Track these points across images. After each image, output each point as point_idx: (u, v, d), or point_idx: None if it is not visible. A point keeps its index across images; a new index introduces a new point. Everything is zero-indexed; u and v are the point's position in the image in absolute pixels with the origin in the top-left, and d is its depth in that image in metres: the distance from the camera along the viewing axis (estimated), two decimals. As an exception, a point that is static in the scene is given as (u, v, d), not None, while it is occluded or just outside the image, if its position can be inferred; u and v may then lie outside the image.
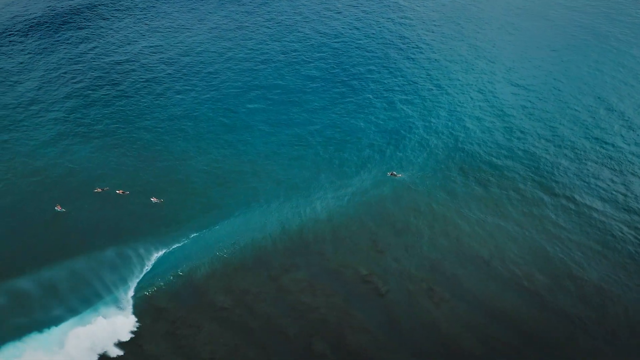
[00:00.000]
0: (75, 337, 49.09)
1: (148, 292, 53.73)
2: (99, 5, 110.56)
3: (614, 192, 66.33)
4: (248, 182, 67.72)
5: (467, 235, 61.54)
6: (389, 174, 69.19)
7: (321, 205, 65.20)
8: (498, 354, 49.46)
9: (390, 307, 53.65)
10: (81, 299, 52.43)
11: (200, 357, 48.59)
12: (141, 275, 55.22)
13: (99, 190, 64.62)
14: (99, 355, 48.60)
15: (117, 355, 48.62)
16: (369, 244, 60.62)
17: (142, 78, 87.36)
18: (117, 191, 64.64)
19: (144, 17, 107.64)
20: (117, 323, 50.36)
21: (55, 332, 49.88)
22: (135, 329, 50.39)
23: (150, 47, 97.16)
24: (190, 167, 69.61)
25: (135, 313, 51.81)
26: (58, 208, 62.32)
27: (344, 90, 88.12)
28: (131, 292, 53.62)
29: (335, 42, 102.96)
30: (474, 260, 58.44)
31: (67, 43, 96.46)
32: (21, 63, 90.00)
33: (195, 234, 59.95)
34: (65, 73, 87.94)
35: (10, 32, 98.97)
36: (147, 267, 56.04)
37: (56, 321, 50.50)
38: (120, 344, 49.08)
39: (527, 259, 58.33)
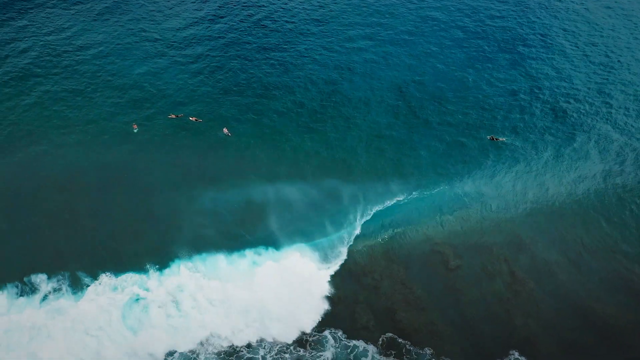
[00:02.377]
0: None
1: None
2: None
3: None
4: (333, 147, 58.57)
5: (572, 214, 50.14)
6: (488, 137, 59.02)
7: (402, 158, 57.02)
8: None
9: (458, 285, 45.45)
10: None
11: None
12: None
13: (173, 116, 62.37)
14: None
15: None
16: (453, 208, 51.73)
17: (256, 13, 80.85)
18: (191, 118, 61.99)
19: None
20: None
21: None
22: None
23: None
24: (274, 106, 63.34)
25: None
26: (134, 127, 61.27)
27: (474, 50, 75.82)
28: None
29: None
30: (573, 246, 47.39)
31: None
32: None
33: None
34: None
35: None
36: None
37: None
38: None
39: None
